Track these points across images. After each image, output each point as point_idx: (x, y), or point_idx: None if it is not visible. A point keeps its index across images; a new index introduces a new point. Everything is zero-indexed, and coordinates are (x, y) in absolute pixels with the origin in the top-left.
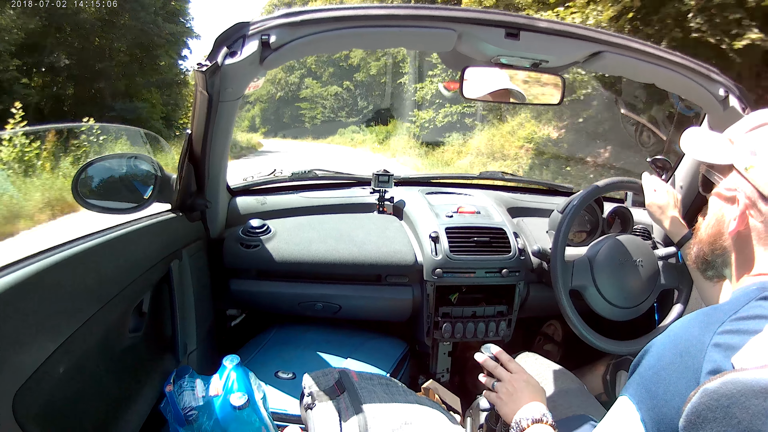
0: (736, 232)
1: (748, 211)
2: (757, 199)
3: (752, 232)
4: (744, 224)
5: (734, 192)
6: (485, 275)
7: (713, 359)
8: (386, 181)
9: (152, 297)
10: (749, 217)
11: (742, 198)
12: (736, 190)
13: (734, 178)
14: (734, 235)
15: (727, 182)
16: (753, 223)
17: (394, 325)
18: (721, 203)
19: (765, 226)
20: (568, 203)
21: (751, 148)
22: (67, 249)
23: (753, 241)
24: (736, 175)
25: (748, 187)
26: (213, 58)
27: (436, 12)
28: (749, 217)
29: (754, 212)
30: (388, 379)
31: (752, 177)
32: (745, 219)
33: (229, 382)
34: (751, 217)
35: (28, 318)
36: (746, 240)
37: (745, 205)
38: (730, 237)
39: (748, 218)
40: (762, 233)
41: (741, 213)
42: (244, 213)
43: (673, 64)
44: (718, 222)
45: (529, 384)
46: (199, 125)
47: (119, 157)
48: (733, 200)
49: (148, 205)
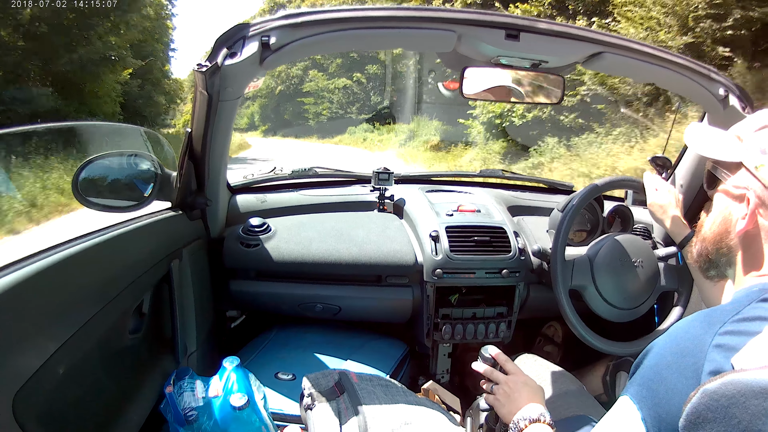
0: (744, 232)
1: (757, 210)
2: (767, 198)
3: (761, 232)
4: (753, 223)
5: (743, 190)
6: (485, 276)
7: (714, 360)
8: (386, 178)
9: (152, 297)
10: (758, 216)
11: (752, 197)
12: (746, 188)
13: (743, 176)
14: (742, 235)
15: (735, 180)
16: (762, 222)
17: (394, 326)
18: (728, 201)
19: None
20: (568, 202)
21: (761, 146)
22: (67, 249)
23: (761, 241)
24: (746, 173)
25: (758, 186)
26: (213, 59)
27: (436, 13)
28: (758, 216)
29: (763, 211)
30: (388, 380)
31: (762, 176)
32: (754, 218)
33: (229, 383)
34: (760, 216)
35: (28, 318)
36: (754, 239)
37: (755, 204)
38: (738, 236)
39: (758, 217)
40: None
41: (751, 212)
42: (244, 211)
43: (672, 65)
44: (724, 220)
45: (526, 385)
46: (199, 124)
47: (119, 155)
48: (741, 198)
49: (148, 203)
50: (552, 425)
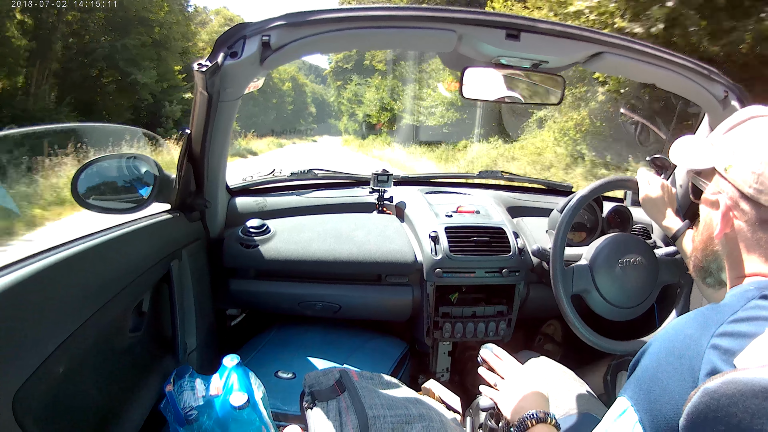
0: (723, 235)
1: (731, 213)
2: (739, 198)
3: (737, 234)
4: (729, 226)
5: (717, 195)
6: (485, 275)
7: (711, 361)
8: (385, 180)
9: (152, 297)
10: (733, 219)
11: (724, 199)
12: (720, 192)
13: (717, 181)
14: (723, 239)
15: (711, 186)
16: (737, 224)
17: (393, 324)
18: (707, 209)
19: (749, 225)
20: (566, 203)
21: (729, 148)
22: (67, 249)
23: (739, 243)
24: (718, 177)
25: (729, 188)
26: (213, 59)
27: (436, 13)
28: (733, 219)
29: (737, 213)
30: (389, 379)
31: (732, 177)
32: (729, 221)
33: (229, 381)
34: (735, 219)
35: (28, 318)
36: (733, 242)
37: (726, 206)
38: (719, 240)
39: (733, 220)
40: (747, 233)
41: (723, 214)
42: (243, 213)
43: (673, 65)
44: (707, 227)
45: (532, 383)
46: (198, 125)
47: (119, 157)
48: (717, 204)
49: (147, 204)
50: (558, 426)
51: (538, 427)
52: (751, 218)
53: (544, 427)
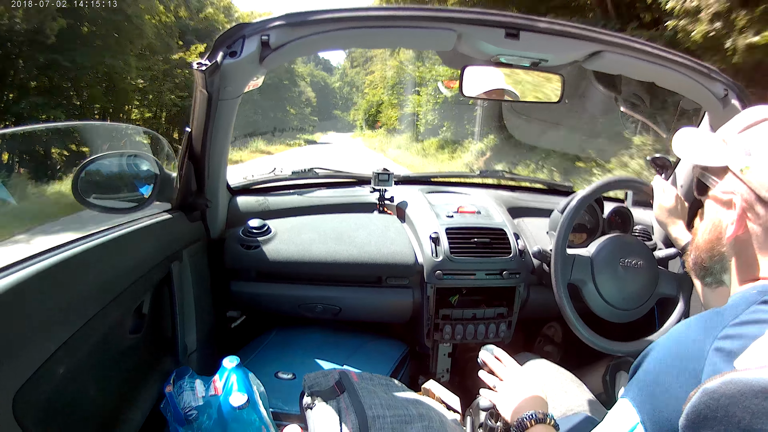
0: (735, 237)
1: (745, 215)
2: (755, 201)
3: (751, 237)
4: (742, 228)
5: (731, 195)
6: (485, 277)
7: (714, 363)
8: (386, 180)
9: (152, 298)
10: (747, 221)
11: (740, 201)
12: (733, 193)
13: (730, 180)
14: (732, 241)
15: (723, 185)
16: (751, 226)
17: (394, 326)
18: (717, 207)
19: (763, 229)
20: (567, 203)
21: (745, 148)
22: (68, 250)
23: (753, 246)
24: (732, 177)
25: (744, 190)
26: (213, 58)
27: (436, 13)
28: (747, 221)
29: (752, 215)
30: (388, 379)
31: (748, 179)
32: (743, 223)
33: (229, 382)
34: (749, 221)
35: (29, 318)
36: (745, 245)
37: (742, 208)
38: (728, 242)
39: (747, 222)
40: (761, 237)
41: (738, 217)
42: (244, 212)
43: (672, 63)
44: (715, 227)
45: (531, 384)
46: (198, 124)
47: (119, 155)
48: (729, 204)
49: (148, 204)
50: (557, 427)
51: (537, 427)
52: (766, 222)
53: (543, 428)
